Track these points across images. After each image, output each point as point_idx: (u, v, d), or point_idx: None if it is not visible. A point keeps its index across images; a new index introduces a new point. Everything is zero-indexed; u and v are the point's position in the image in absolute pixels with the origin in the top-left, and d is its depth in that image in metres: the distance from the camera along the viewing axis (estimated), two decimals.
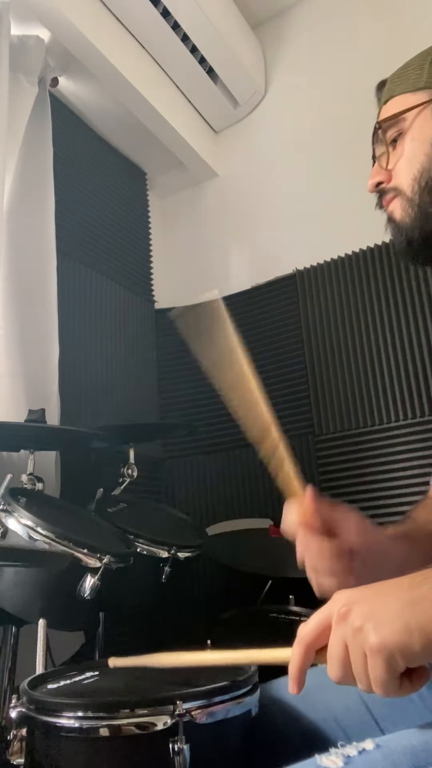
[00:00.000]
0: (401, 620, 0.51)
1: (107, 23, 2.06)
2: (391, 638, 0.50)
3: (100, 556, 1.14)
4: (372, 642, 0.50)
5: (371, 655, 0.51)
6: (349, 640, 0.53)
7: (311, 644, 0.56)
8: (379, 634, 0.50)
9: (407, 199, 0.80)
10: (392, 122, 0.80)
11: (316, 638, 0.56)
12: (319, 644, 0.56)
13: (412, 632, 0.50)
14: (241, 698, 0.74)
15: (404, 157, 0.80)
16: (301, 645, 0.56)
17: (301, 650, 0.56)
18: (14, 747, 0.71)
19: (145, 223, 2.61)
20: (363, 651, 0.51)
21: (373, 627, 0.51)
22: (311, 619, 0.57)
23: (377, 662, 0.50)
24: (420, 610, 0.51)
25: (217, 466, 2.26)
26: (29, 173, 1.88)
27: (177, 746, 0.66)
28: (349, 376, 2.05)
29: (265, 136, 2.56)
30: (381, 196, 0.85)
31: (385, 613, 0.52)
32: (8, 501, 1.17)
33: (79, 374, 1.99)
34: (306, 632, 0.56)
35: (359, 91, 2.34)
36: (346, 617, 0.53)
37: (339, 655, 0.53)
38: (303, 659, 0.56)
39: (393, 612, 0.51)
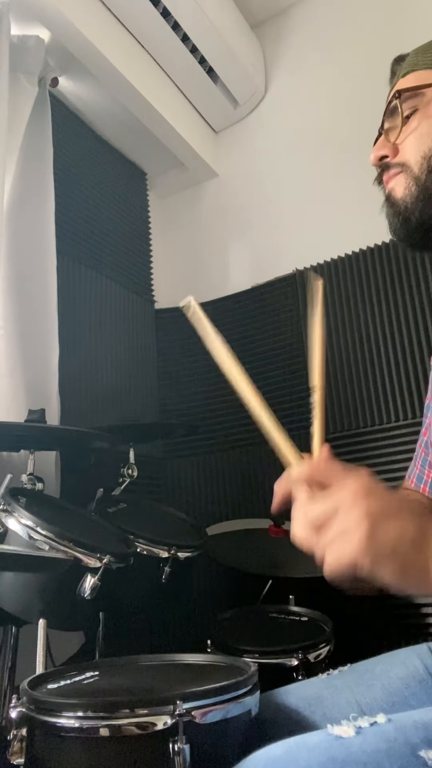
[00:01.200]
0: (394, 542, 0.52)
1: (107, 23, 2.06)
2: (374, 547, 0.51)
3: (100, 556, 1.14)
4: (359, 535, 0.51)
5: (349, 542, 0.52)
6: (342, 515, 0.54)
7: (309, 481, 0.62)
8: (369, 534, 0.52)
9: (413, 176, 0.77)
10: (411, 95, 0.76)
11: (316, 480, 0.61)
12: (319, 480, 0.60)
13: (395, 557, 0.51)
14: (241, 698, 0.74)
15: (416, 133, 0.76)
16: (300, 474, 0.64)
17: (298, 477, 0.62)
18: (14, 747, 0.71)
19: (145, 223, 2.61)
20: (345, 532, 0.52)
21: (369, 526, 0.52)
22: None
23: (348, 550, 0.51)
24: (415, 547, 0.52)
25: (217, 466, 2.26)
26: (29, 173, 1.88)
27: (177, 746, 0.66)
28: (348, 376, 2.05)
29: (265, 136, 2.56)
30: (382, 172, 0.82)
31: (388, 526, 0.53)
32: (8, 501, 1.17)
33: (79, 374, 1.99)
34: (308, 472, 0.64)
35: (359, 90, 2.35)
36: (356, 501, 0.54)
37: (320, 518, 0.55)
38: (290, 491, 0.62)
39: (393, 532, 0.53)
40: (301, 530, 0.56)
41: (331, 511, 0.54)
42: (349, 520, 0.53)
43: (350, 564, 0.51)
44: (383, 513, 0.54)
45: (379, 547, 0.51)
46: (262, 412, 0.72)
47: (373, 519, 0.53)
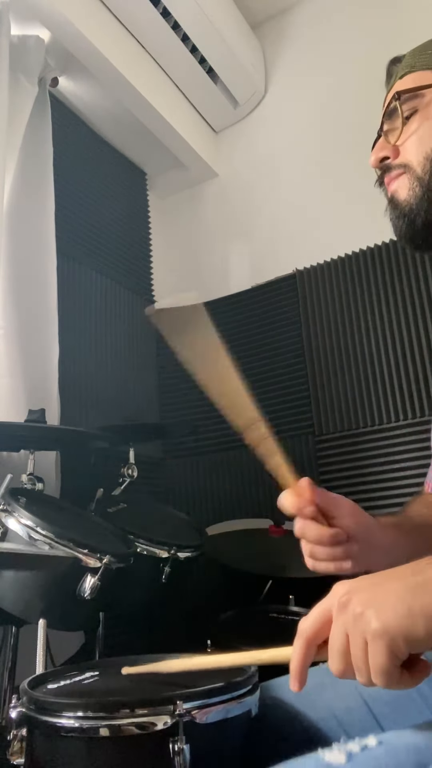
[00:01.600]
0: (404, 604, 0.49)
1: (107, 23, 2.06)
2: (394, 622, 0.49)
3: (100, 556, 1.14)
4: (374, 627, 0.49)
5: (372, 641, 0.49)
6: (350, 628, 0.51)
7: (312, 638, 0.54)
8: (381, 618, 0.49)
9: (416, 177, 0.76)
10: (410, 96, 0.76)
11: (316, 632, 0.54)
12: (321, 638, 0.54)
13: (416, 616, 0.49)
14: (241, 698, 0.74)
15: (417, 134, 0.76)
16: (301, 640, 0.55)
17: (302, 645, 0.55)
18: (14, 747, 0.71)
19: (145, 223, 2.61)
20: (364, 638, 0.50)
21: (375, 612, 0.50)
22: (311, 613, 0.55)
23: (378, 648, 0.49)
24: (423, 594, 0.50)
25: (217, 466, 2.26)
26: (29, 173, 1.88)
27: (177, 746, 0.66)
28: (349, 376, 2.05)
29: (265, 136, 2.56)
30: (383, 174, 0.81)
31: (387, 598, 0.50)
32: (8, 501, 1.17)
33: (79, 374, 1.99)
34: (306, 626, 0.55)
35: (359, 90, 2.35)
36: (347, 606, 0.52)
37: (340, 646, 0.52)
38: (304, 655, 0.54)
39: (395, 597, 0.50)
40: (339, 668, 0.53)
41: (343, 635, 0.52)
42: (361, 629, 0.50)
43: (390, 649, 0.49)
44: (373, 585, 0.53)
45: (397, 613, 0.49)
46: (249, 410, 0.71)
47: (370, 596, 0.51)
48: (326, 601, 0.55)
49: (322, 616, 0.54)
